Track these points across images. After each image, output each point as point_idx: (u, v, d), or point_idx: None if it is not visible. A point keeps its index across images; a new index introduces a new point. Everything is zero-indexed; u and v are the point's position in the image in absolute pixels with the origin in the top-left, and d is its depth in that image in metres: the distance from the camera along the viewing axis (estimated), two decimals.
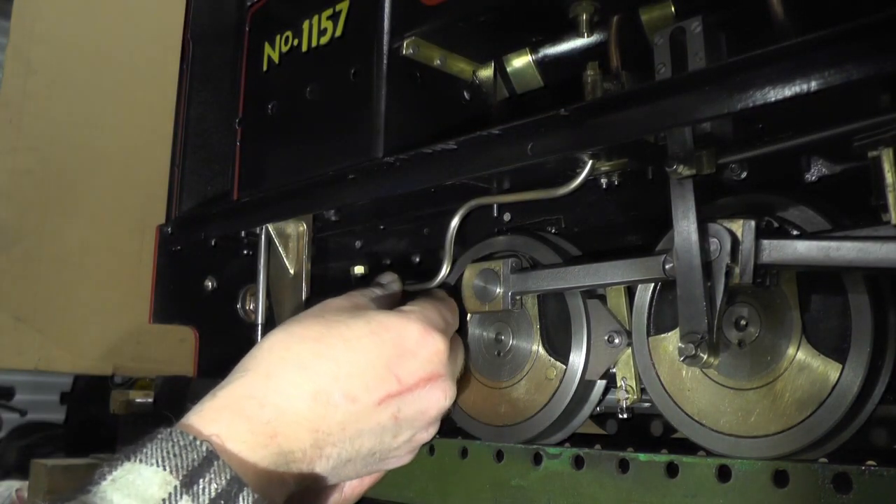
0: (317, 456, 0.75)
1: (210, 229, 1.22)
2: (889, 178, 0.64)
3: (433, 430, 0.85)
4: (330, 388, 0.76)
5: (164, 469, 0.62)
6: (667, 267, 0.77)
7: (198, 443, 0.65)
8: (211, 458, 0.65)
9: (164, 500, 0.61)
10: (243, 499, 0.64)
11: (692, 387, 0.79)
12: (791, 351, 0.74)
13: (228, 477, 0.64)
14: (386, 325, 0.80)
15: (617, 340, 0.87)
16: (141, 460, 0.63)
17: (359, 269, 1.11)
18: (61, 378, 3.26)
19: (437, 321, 0.85)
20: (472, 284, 0.94)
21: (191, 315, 1.30)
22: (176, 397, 1.32)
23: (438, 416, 0.84)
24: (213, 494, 0.63)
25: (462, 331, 0.99)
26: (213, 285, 1.32)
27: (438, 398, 0.82)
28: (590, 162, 0.80)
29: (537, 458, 0.84)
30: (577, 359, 0.89)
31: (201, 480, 0.63)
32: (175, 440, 0.65)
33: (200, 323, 1.30)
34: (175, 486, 0.62)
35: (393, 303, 0.93)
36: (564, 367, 0.90)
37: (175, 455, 0.64)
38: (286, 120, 1.12)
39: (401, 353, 0.80)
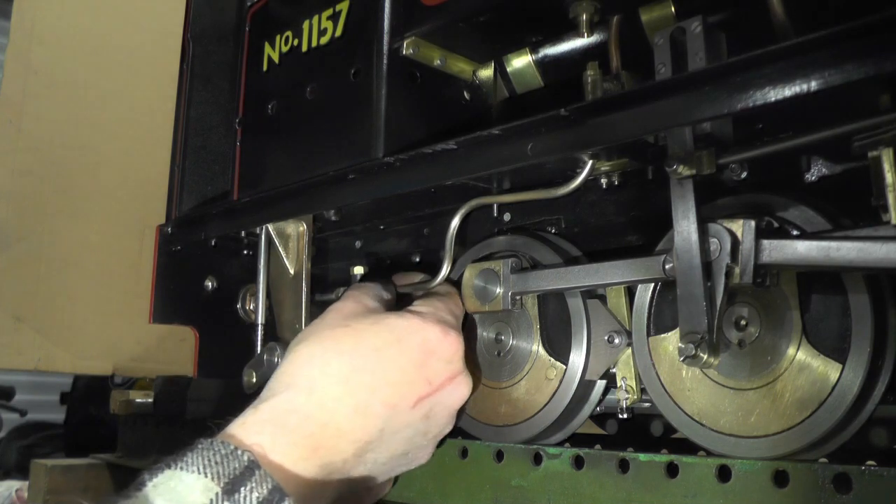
0: (356, 464, 0.78)
1: (210, 229, 1.22)
2: (889, 178, 0.64)
3: (452, 424, 0.89)
4: (370, 400, 0.78)
5: (206, 476, 0.63)
6: (667, 267, 0.77)
7: (239, 452, 0.66)
8: (252, 467, 0.66)
9: None
10: None
11: (692, 387, 0.79)
12: (791, 351, 0.74)
13: (270, 486, 0.65)
14: (409, 331, 0.83)
15: (617, 340, 0.87)
16: (182, 468, 0.64)
17: (358, 270, 1.11)
18: (61, 378, 3.26)
19: (450, 320, 0.88)
20: (472, 284, 0.94)
21: (191, 315, 1.30)
22: (176, 397, 1.32)
23: (457, 410, 0.88)
24: (254, 502, 0.63)
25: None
26: (213, 285, 1.32)
27: (460, 393, 0.86)
28: (590, 162, 0.80)
29: (537, 458, 0.84)
30: (577, 359, 0.89)
31: (243, 489, 0.64)
32: (217, 449, 0.66)
33: (200, 323, 1.30)
34: (217, 493, 0.62)
35: (392, 298, 0.96)
36: (564, 367, 0.90)
37: (217, 463, 0.64)
38: (286, 120, 1.12)
39: (427, 356, 0.83)
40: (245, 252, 1.33)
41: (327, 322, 0.85)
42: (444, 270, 0.97)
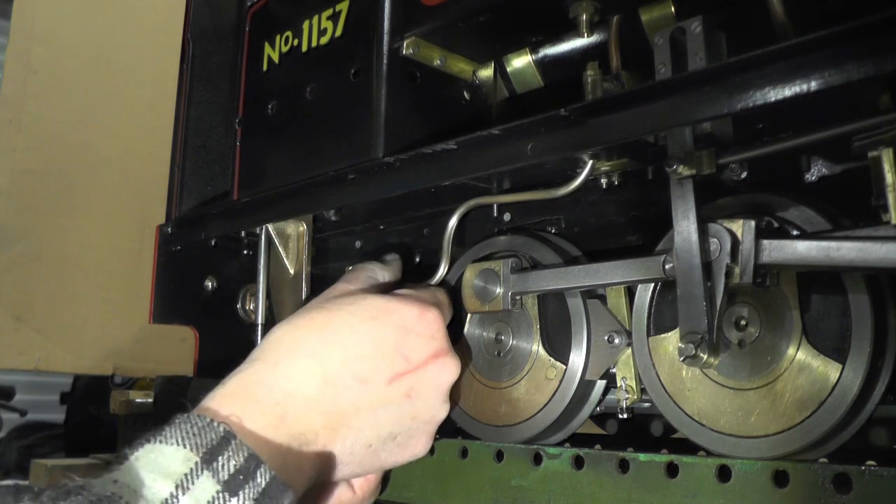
0: (331, 438, 0.77)
1: (210, 229, 1.22)
2: (889, 178, 0.64)
3: (447, 408, 0.87)
4: (339, 371, 0.78)
5: (185, 447, 0.65)
6: (667, 267, 0.77)
7: (215, 424, 0.68)
8: (228, 437, 0.67)
9: (185, 474, 0.63)
10: (261, 475, 0.66)
11: (692, 387, 0.79)
12: (791, 351, 0.74)
13: (246, 454, 0.67)
14: (385, 309, 0.83)
15: (617, 340, 0.87)
16: (161, 441, 0.66)
17: None
18: (61, 378, 3.25)
19: (429, 299, 0.88)
20: (472, 284, 0.94)
21: (191, 315, 1.30)
22: (176, 397, 1.32)
23: (448, 390, 0.86)
24: (232, 470, 0.65)
25: (459, 326, 0.99)
26: (213, 285, 1.32)
27: (447, 373, 0.85)
28: (590, 162, 0.80)
29: (537, 458, 0.84)
30: (577, 359, 0.89)
31: (220, 458, 0.65)
32: (193, 422, 0.68)
33: (200, 323, 1.30)
34: (196, 462, 0.64)
35: (392, 279, 0.97)
36: (564, 367, 0.90)
37: (194, 435, 0.66)
38: (286, 120, 1.12)
39: (404, 333, 0.82)
40: (245, 252, 1.33)
41: (307, 306, 0.86)
42: (442, 270, 0.97)
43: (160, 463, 0.64)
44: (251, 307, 1.33)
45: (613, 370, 0.88)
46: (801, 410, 0.72)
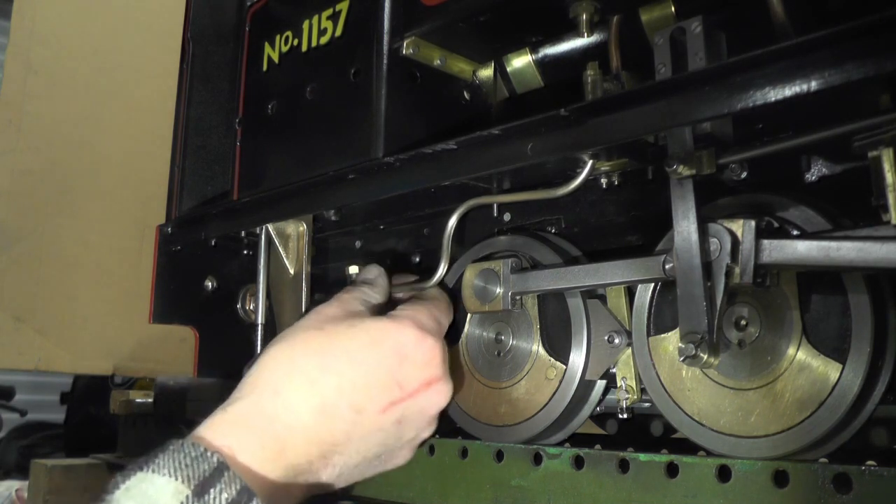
0: (323, 466, 0.78)
1: (210, 229, 1.22)
2: (889, 178, 0.64)
3: (433, 428, 0.88)
4: (336, 401, 0.78)
5: (177, 479, 0.64)
6: (667, 267, 0.77)
7: (209, 454, 0.67)
8: (221, 468, 0.66)
9: None
10: None
11: (692, 387, 0.79)
12: (791, 351, 0.74)
13: (238, 487, 0.65)
14: (384, 334, 0.82)
15: (617, 340, 0.87)
16: (153, 470, 0.65)
17: (353, 269, 1.11)
18: (61, 378, 3.26)
19: (430, 325, 0.87)
20: (472, 284, 0.94)
21: (191, 315, 1.30)
22: (176, 397, 1.32)
23: (437, 413, 0.87)
24: (225, 502, 0.64)
25: (458, 327, 0.99)
26: (213, 285, 1.32)
27: (438, 400, 0.85)
28: (590, 162, 0.80)
29: (537, 458, 0.84)
30: (577, 359, 0.89)
31: (212, 490, 0.64)
32: (187, 451, 0.66)
33: (200, 323, 1.30)
34: (187, 496, 0.63)
35: (383, 300, 0.95)
36: (564, 367, 0.90)
37: (187, 465, 0.65)
38: (286, 120, 1.12)
39: (400, 361, 0.82)
40: (245, 252, 1.33)
41: (303, 324, 0.84)
42: (441, 270, 0.97)
43: (150, 495, 0.63)
44: (251, 307, 1.33)
45: (613, 370, 0.88)
46: (801, 410, 0.72)
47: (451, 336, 0.98)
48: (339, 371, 0.79)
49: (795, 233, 0.74)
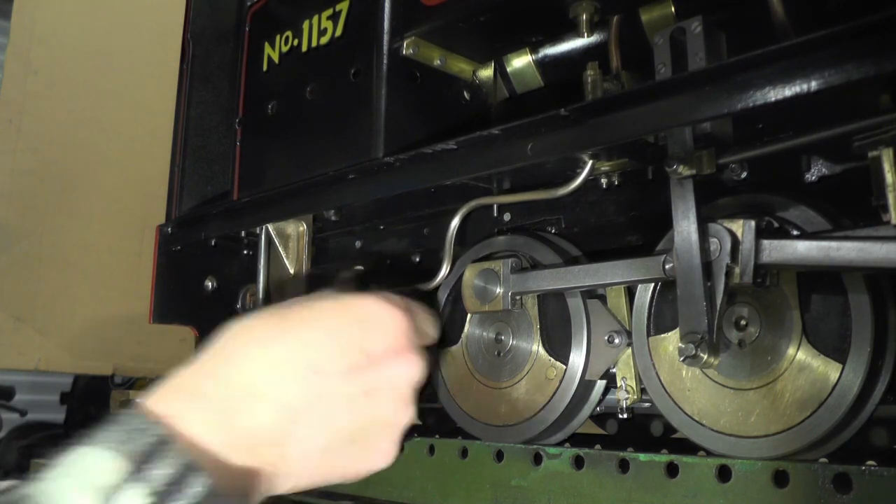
0: (283, 435, 0.72)
1: (210, 229, 1.22)
2: (889, 178, 0.64)
3: (411, 412, 0.81)
4: (292, 360, 0.73)
5: (117, 453, 0.61)
6: (667, 267, 0.77)
7: (151, 425, 0.63)
8: (164, 440, 0.63)
9: (112, 486, 0.59)
10: (198, 485, 0.62)
11: (692, 387, 0.79)
12: (791, 351, 0.74)
13: (182, 462, 0.62)
14: (345, 303, 0.78)
15: (617, 340, 0.87)
16: (93, 444, 0.62)
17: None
18: (61, 378, 3.25)
19: (399, 302, 0.83)
20: (472, 284, 0.94)
21: (191, 315, 1.30)
22: None
23: (411, 392, 0.80)
24: (165, 480, 0.60)
25: (458, 327, 0.99)
26: (213, 285, 1.32)
27: (408, 373, 0.79)
28: (590, 162, 0.80)
29: (537, 458, 0.84)
30: (577, 359, 0.89)
31: (153, 466, 0.61)
32: (127, 423, 0.63)
33: (200, 323, 1.30)
34: (126, 472, 0.60)
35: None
36: (564, 367, 0.90)
37: (126, 440, 0.62)
38: (286, 120, 1.12)
39: (363, 328, 0.77)
40: (245, 252, 1.33)
41: (267, 308, 0.81)
42: (444, 270, 0.97)
43: (86, 471, 0.60)
44: (251, 307, 1.32)
45: (613, 370, 0.88)
46: (801, 410, 0.72)
47: (452, 336, 0.98)
48: (295, 333, 0.75)
49: (795, 233, 0.74)
